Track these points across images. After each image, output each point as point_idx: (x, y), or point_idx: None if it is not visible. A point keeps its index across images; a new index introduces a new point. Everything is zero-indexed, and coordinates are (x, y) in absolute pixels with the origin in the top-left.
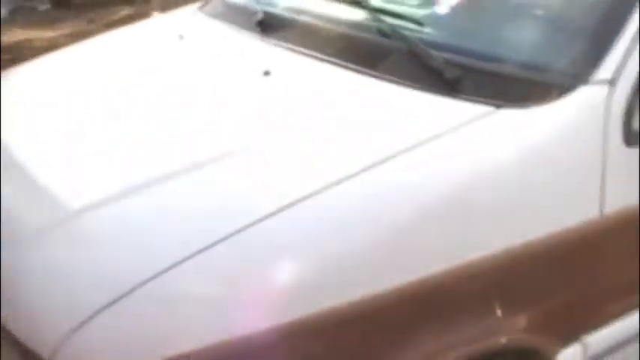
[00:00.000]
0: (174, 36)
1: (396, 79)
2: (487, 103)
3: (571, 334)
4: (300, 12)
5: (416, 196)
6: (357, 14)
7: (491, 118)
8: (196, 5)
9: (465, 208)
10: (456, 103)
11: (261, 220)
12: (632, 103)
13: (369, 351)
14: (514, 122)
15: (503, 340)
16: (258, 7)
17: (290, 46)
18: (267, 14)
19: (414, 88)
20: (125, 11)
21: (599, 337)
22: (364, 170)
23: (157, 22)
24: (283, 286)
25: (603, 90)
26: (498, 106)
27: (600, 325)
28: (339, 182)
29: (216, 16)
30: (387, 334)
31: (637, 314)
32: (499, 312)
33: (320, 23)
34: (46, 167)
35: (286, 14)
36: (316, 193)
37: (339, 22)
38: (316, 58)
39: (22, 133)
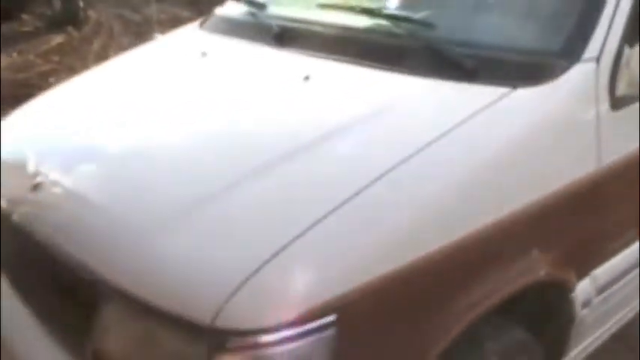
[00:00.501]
0: (195, 53)
1: (423, 73)
2: (505, 85)
3: (583, 270)
4: (315, 23)
5: (471, 160)
6: (367, 20)
7: (512, 96)
8: (194, 23)
9: (507, 167)
10: (479, 87)
11: (375, 180)
12: (613, 75)
13: (452, 287)
14: (529, 98)
15: (542, 273)
16: (273, 22)
17: (315, 53)
18: (282, 28)
19: (442, 79)
20: (57, 40)
21: (604, 270)
22: (435, 141)
23: (166, 42)
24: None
25: (592, 66)
26: (515, 87)
27: (604, 260)
28: (419, 151)
29: (222, 32)
30: (462, 272)
31: (632, 249)
32: (536, 252)
33: (336, 31)
34: (175, 158)
35: (303, 26)
36: (404, 161)
37: (356, 28)
38: (344, 61)
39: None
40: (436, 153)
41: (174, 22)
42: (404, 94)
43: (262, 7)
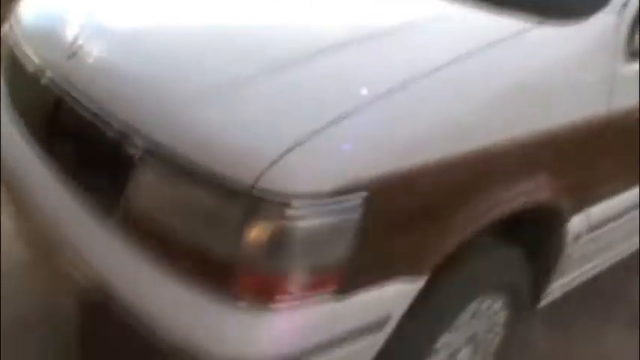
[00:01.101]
0: None
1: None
2: (535, 20)
3: (580, 205)
4: None
5: (496, 80)
6: None
7: (540, 30)
8: None
9: (528, 92)
10: (511, 18)
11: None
12: (633, 28)
13: (470, 191)
14: (555, 34)
15: (545, 196)
16: None
17: None
18: None
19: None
20: None
21: (598, 210)
22: (464, 58)
23: None
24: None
25: (614, 17)
26: (543, 23)
27: (600, 200)
28: (450, 64)
29: None
30: (481, 180)
31: (626, 195)
32: (542, 176)
33: None
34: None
35: None
36: (440, 69)
37: None
38: None
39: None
40: (465, 69)
41: None
42: (439, 14)
43: None
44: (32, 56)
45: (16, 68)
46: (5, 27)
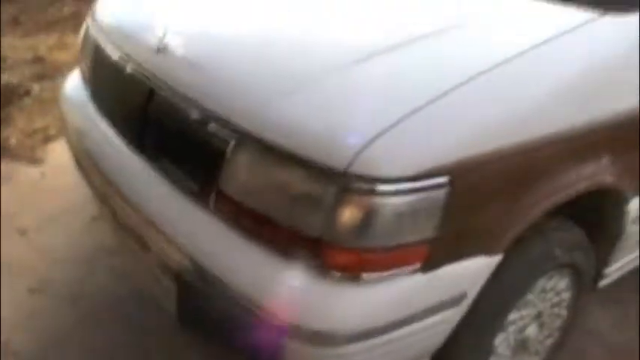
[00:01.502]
0: None
1: None
2: (596, 11)
3: (637, 189)
4: None
5: (564, 69)
6: None
7: (601, 20)
8: None
9: (593, 79)
10: (575, 9)
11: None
12: None
13: (541, 173)
14: (616, 24)
15: (608, 178)
16: None
17: None
18: None
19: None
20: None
21: None
22: (534, 48)
23: None
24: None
25: None
26: (604, 14)
27: None
28: (522, 54)
29: None
30: (550, 161)
31: None
32: (606, 160)
33: None
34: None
35: None
36: (512, 60)
37: None
38: None
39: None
40: (534, 60)
41: None
42: (506, 6)
43: None
44: (120, 51)
45: (101, 65)
46: (85, 26)
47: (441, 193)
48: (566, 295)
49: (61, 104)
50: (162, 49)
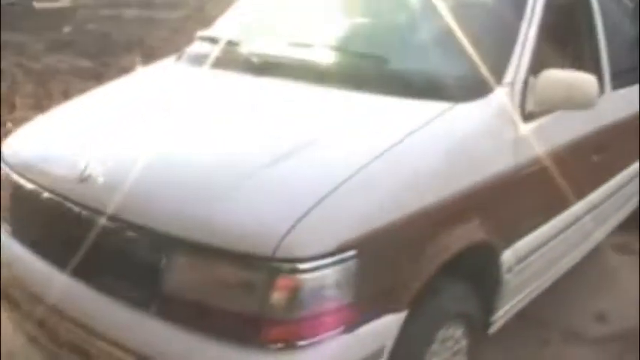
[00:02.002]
0: (186, 78)
1: (388, 92)
2: (450, 101)
3: (507, 241)
4: (288, 58)
5: (432, 152)
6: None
7: (455, 108)
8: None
9: (455, 158)
10: (431, 102)
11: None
12: (523, 96)
13: (426, 237)
14: (467, 110)
15: (480, 236)
16: (251, 56)
17: (291, 79)
18: (262, 60)
19: (404, 97)
20: None
21: (522, 244)
22: (404, 139)
23: (152, 71)
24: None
25: (508, 89)
26: (456, 102)
27: (522, 235)
28: (396, 144)
29: (201, 64)
30: (432, 227)
31: (543, 229)
32: (476, 221)
33: (307, 63)
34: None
35: (278, 59)
36: (388, 150)
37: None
38: (318, 84)
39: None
40: (408, 145)
41: (75, 72)
42: (375, 106)
43: (235, 44)
44: (42, 186)
45: (24, 201)
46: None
47: (351, 264)
48: (464, 343)
49: None
50: (85, 178)
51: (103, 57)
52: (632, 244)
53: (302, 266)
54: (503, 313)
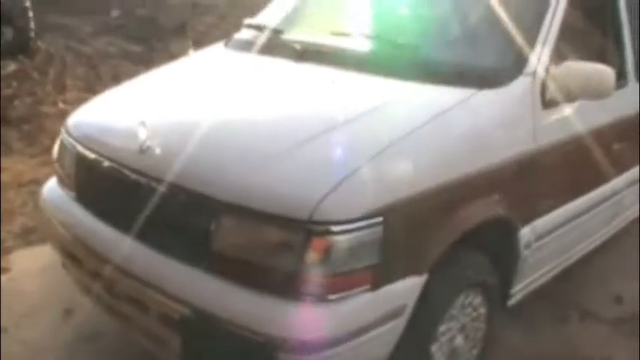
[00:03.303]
0: (235, 63)
1: (420, 79)
2: (475, 88)
3: (526, 219)
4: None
5: (453, 134)
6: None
7: (479, 94)
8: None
9: (478, 139)
10: (459, 89)
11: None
12: (544, 85)
13: (450, 208)
14: (490, 96)
15: (500, 211)
16: (293, 43)
17: (328, 66)
18: (303, 47)
19: (434, 84)
20: (11, 67)
21: (541, 223)
22: (434, 118)
23: (203, 56)
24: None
25: (530, 78)
26: (481, 89)
27: (542, 215)
28: (424, 125)
29: (248, 50)
30: (455, 200)
31: (562, 210)
32: (496, 196)
33: (345, 51)
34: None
35: (319, 47)
36: (418, 129)
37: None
38: (355, 71)
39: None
40: (440, 123)
41: (125, 56)
42: (407, 91)
43: (280, 32)
44: (105, 157)
45: (88, 170)
46: (60, 140)
47: (378, 230)
48: (482, 311)
49: (44, 210)
50: (144, 150)
51: (151, 41)
52: None
53: (334, 229)
54: (521, 287)
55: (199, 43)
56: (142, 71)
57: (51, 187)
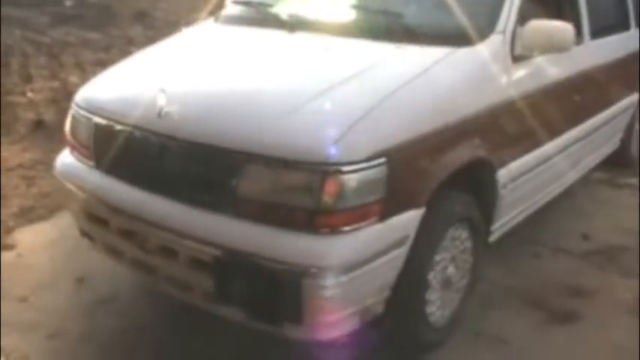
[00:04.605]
0: (231, 35)
1: (405, 41)
2: (452, 46)
3: (502, 161)
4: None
5: (440, 85)
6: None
7: (457, 51)
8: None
9: (458, 91)
10: (437, 47)
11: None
12: (512, 42)
13: (440, 150)
14: (466, 53)
15: (480, 153)
16: (283, 15)
17: (319, 34)
18: (291, 16)
19: (418, 44)
20: None
21: (516, 165)
22: (421, 74)
23: (198, 30)
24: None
25: (500, 36)
26: (458, 47)
27: (515, 158)
28: (415, 78)
29: (239, 23)
30: (444, 143)
31: (533, 154)
32: (477, 140)
33: (333, 20)
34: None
35: (309, 18)
36: (412, 80)
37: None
38: (346, 37)
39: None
40: (421, 80)
41: (84, 44)
42: (395, 52)
43: (266, 6)
44: (124, 123)
45: (107, 138)
46: (72, 113)
47: (383, 169)
48: (469, 244)
49: (64, 181)
50: (162, 113)
51: (108, 29)
52: (615, 179)
53: (345, 169)
54: (500, 225)
55: (155, 28)
56: (104, 58)
57: (64, 160)
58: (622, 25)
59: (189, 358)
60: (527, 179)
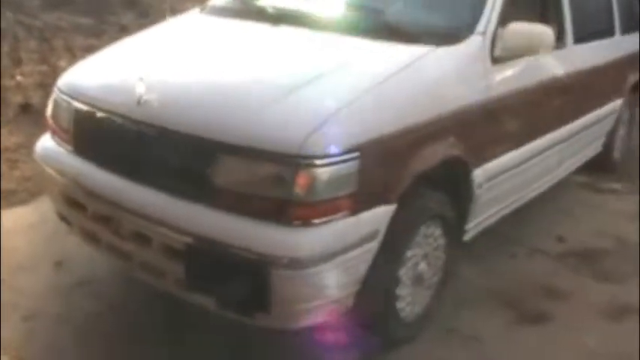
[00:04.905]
0: (215, 26)
1: (385, 39)
2: (432, 45)
3: (478, 161)
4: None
5: (415, 84)
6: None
7: (436, 51)
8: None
9: (436, 90)
10: (417, 46)
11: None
12: (492, 43)
13: (414, 147)
14: (446, 52)
15: (455, 151)
16: (268, 8)
17: (302, 28)
18: (276, 9)
19: (397, 42)
20: None
21: (492, 165)
22: (399, 71)
23: (183, 21)
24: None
25: (480, 37)
26: (438, 46)
27: (491, 158)
28: (396, 73)
29: (224, 15)
30: (418, 141)
31: (510, 155)
32: (452, 139)
33: (316, 14)
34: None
35: (293, 12)
36: (390, 77)
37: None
38: (328, 32)
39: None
40: (398, 78)
41: (76, 29)
42: (374, 49)
43: None
44: (104, 110)
45: (86, 124)
46: (54, 98)
47: (355, 163)
48: (442, 242)
49: (43, 164)
50: (141, 101)
51: (101, 15)
52: (597, 184)
53: (318, 162)
54: (475, 224)
55: (148, 16)
56: (95, 44)
57: (44, 144)
58: (607, 31)
59: (164, 341)
60: (503, 180)
